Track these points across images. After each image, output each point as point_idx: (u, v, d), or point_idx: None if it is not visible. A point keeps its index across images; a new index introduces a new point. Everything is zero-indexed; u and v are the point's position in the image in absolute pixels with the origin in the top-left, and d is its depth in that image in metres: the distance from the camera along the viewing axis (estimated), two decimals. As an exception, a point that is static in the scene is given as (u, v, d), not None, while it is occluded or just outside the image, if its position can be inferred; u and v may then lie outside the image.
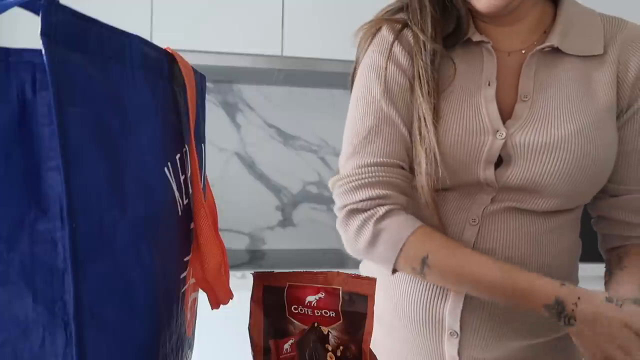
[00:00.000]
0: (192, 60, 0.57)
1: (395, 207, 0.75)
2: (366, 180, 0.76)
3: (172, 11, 1.98)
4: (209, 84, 2.27)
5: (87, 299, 0.34)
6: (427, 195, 0.75)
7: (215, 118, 2.29)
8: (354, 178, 0.76)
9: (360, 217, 0.77)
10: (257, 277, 0.66)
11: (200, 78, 0.54)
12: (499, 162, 0.76)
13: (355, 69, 0.85)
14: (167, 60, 0.48)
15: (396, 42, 0.78)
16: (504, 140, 0.74)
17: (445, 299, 0.80)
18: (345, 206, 0.78)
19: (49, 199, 0.34)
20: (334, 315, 0.65)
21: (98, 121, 0.36)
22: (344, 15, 2.02)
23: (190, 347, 0.55)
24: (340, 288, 0.65)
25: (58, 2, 0.33)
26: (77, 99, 0.34)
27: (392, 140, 0.76)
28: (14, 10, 0.34)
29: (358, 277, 0.65)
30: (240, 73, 2.13)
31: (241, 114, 2.33)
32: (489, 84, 0.76)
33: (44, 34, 0.32)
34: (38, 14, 0.32)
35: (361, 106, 0.79)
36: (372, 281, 0.64)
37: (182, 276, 0.49)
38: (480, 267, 0.72)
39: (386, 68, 0.78)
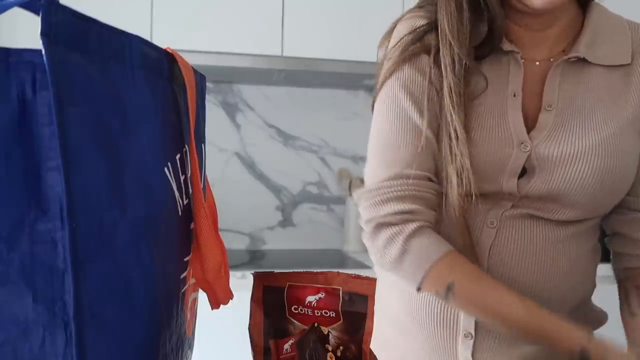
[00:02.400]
0: (192, 60, 0.57)
1: (424, 224, 0.73)
2: (394, 193, 0.73)
3: (172, 11, 1.98)
4: (209, 84, 2.27)
5: (87, 299, 0.34)
6: (458, 212, 0.73)
7: (215, 118, 2.29)
8: (381, 191, 0.73)
9: (388, 232, 0.73)
10: (257, 277, 0.66)
11: (200, 78, 0.54)
12: (523, 173, 0.75)
13: (378, 78, 0.81)
14: (167, 61, 0.48)
15: (424, 54, 0.76)
16: (528, 153, 0.73)
17: None
18: (372, 219, 0.74)
19: (49, 199, 0.34)
20: (334, 315, 0.65)
21: (98, 121, 0.36)
22: (344, 15, 2.01)
23: (190, 347, 0.55)
24: (341, 288, 0.65)
25: (58, 2, 0.33)
26: (77, 99, 0.34)
27: (421, 151, 0.74)
28: (13, 10, 0.34)
29: (358, 277, 0.65)
30: (240, 73, 2.13)
31: (241, 114, 2.33)
32: (514, 95, 0.75)
33: (44, 34, 0.32)
34: (38, 14, 0.32)
35: (389, 116, 0.76)
36: (371, 281, 0.64)
37: (182, 276, 0.49)
38: (506, 305, 0.71)
39: (414, 80, 0.75)
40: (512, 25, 0.77)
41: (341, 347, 0.65)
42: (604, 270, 0.88)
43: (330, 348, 0.64)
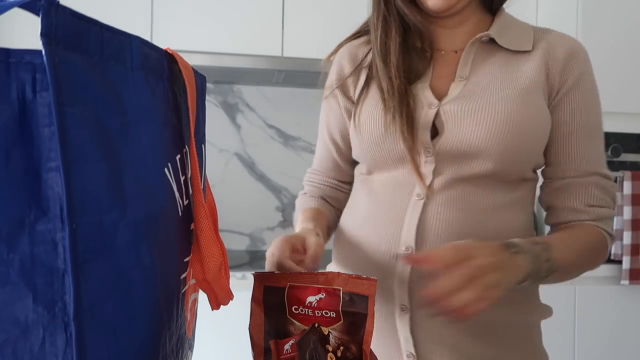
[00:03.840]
0: (192, 61, 0.58)
1: (308, 194, 1.05)
2: (305, 182, 1.08)
3: (172, 12, 1.98)
4: (209, 85, 2.27)
5: (88, 300, 0.34)
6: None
7: (215, 119, 2.29)
8: (305, 178, 1.09)
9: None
10: (257, 277, 0.66)
11: (200, 79, 0.54)
12: (436, 133, 0.86)
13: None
14: (167, 61, 0.48)
15: (341, 94, 0.99)
16: (436, 110, 0.86)
17: (393, 272, 0.84)
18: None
19: (49, 200, 0.34)
20: (334, 315, 0.65)
21: (98, 121, 0.36)
22: (344, 15, 2.02)
23: (191, 347, 0.55)
24: (341, 288, 0.65)
25: (58, 2, 0.33)
26: (77, 100, 0.34)
27: (324, 157, 1.05)
28: (13, 10, 0.34)
29: (358, 277, 0.65)
30: (240, 74, 2.13)
31: (241, 114, 2.33)
32: (428, 82, 0.90)
33: (44, 34, 0.32)
34: (38, 15, 0.32)
35: (319, 129, 1.07)
36: (372, 282, 0.64)
37: (182, 277, 0.49)
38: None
39: (332, 108, 1.01)
40: (434, 26, 0.93)
41: (341, 347, 0.65)
42: (598, 271, 0.88)
43: (330, 348, 0.64)
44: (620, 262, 1.93)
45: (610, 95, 2.02)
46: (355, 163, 1.00)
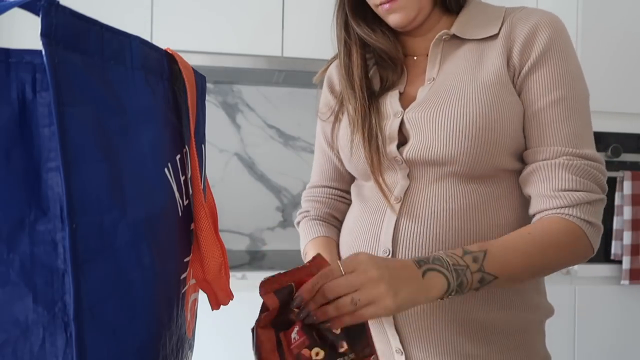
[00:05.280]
0: (192, 61, 0.58)
1: (312, 217, 1.05)
2: (305, 198, 1.09)
3: (172, 12, 1.98)
4: (209, 85, 2.27)
5: (88, 300, 0.34)
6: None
7: (215, 119, 2.29)
8: (304, 194, 1.11)
9: (297, 220, 1.10)
10: (264, 285, 0.65)
11: (200, 79, 0.54)
12: (404, 142, 0.86)
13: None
14: (167, 61, 0.48)
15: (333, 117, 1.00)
16: (400, 118, 0.87)
17: None
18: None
19: (49, 200, 0.34)
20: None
21: (98, 122, 0.36)
22: (344, 15, 2.02)
23: (191, 347, 0.55)
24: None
25: (58, 3, 0.33)
26: (77, 100, 0.34)
27: (324, 168, 1.06)
28: (13, 10, 0.34)
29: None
30: (240, 74, 2.13)
31: (241, 114, 2.33)
32: (399, 91, 0.91)
33: (44, 34, 0.32)
34: (38, 15, 0.32)
35: (316, 145, 1.09)
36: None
37: (182, 277, 0.49)
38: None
39: (324, 131, 1.04)
40: (403, 35, 0.94)
41: None
42: (596, 271, 0.88)
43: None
44: (620, 262, 1.93)
45: (610, 95, 2.03)
46: None
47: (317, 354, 0.63)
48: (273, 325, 0.65)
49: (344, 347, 0.65)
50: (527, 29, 0.83)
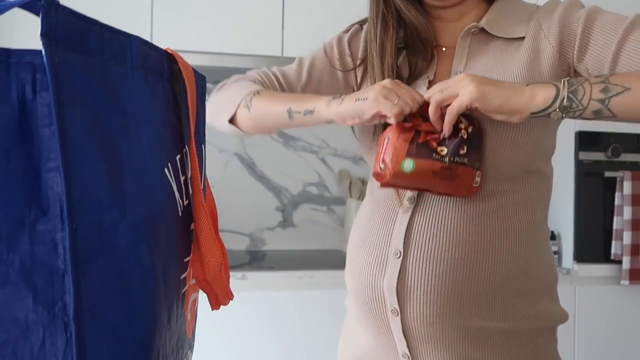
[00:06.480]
0: (192, 61, 0.58)
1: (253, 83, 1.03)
2: (257, 71, 1.09)
3: (172, 12, 1.98)
4: (209, 85, 2.27)
5: (88, 300, 0.34)
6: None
7: (215, 119, 2.29)
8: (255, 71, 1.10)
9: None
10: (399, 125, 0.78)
11: (200, 79, 0.54)
12: None
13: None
14: (167, 61, 0.48)
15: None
16: None
17: (383, 275, 0.84)
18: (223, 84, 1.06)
19: (49, 200, 0.34)
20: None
21: (98, 121, 0.36)
22: (344, 15, 2.01)
23: (191, 347, 0.55)
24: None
25: (58, 3, 0.33)
26: (77, 100, 0.34)
27: (290, 73, 1.07)
28: (13, 10, 0.34)
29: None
30: (240, 74, 2.13)
31: (241, 114, 2.33)
32: (428, 78, 0.91)
33: (44, 34, 0.32)
34: (38, 15, 0.32)
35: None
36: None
37: (182, 277, 0.49)
38: (281, 96, 0.96)
39: (339, 45, 1.09)
40: (436, 21, 0.92)
41: (470, 127, 0.79)
42: (597, 271, 0.87)
43: (462, 125, 0.78)
44: (620, 262, 1.93)
45: (610, 95, 2.03)
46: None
47: (441, 150, 0.77)
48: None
49: (464, 149, 0.77)
50: (553, 18, 0.83)
